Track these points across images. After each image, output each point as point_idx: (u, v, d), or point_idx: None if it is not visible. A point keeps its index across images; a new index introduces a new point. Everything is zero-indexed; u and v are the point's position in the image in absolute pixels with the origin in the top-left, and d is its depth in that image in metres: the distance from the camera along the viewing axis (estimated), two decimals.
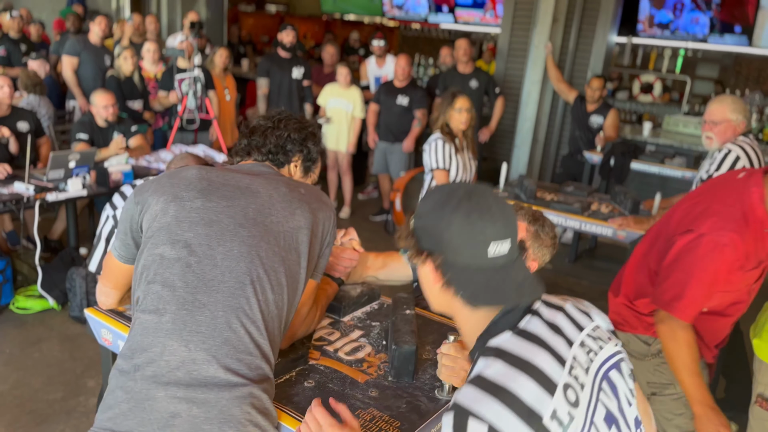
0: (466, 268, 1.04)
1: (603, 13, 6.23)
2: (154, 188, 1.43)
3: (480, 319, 1.07)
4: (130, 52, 5.31)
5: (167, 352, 1.27)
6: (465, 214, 1.03)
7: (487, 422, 0.94)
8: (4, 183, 3.87)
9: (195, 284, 1.31)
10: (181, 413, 1.22)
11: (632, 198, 3.66)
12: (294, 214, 1.42)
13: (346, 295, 1.85)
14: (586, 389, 1.03)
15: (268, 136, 1.59)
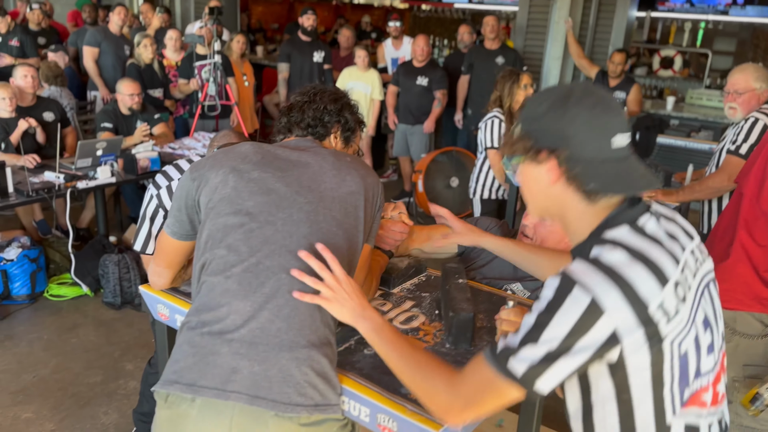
0: (592, 160, 1.06)
1: None
2: (211, 163, 1.46)
3: (595, 214, 1.10)
4: (150, 40, 5.32)
5: (233, 311, 1.31)
6: (589, 107, 1.06)
7: (592, 294, 0.98)
8: (34, 172, 3.91)
9: (259, 248, 1.34)
10: (242, 369, 1.26)
11: (663, 171, 3.63)
12: (345, 180, 1.45)
13: (394, 267, 1.86)
14: (692, 290, 1.08)
15: (305, 110, 1.61)
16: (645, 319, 0.99)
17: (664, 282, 1.01)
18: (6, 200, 3.57)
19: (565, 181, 1.09)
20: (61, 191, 3.72)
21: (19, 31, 6.29)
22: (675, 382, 1.07)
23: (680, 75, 7.60)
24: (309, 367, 1.29)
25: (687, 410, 1.10)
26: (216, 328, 1.31)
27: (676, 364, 1.06)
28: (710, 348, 1.13)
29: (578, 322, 0.99)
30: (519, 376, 1.03)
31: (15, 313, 3.76)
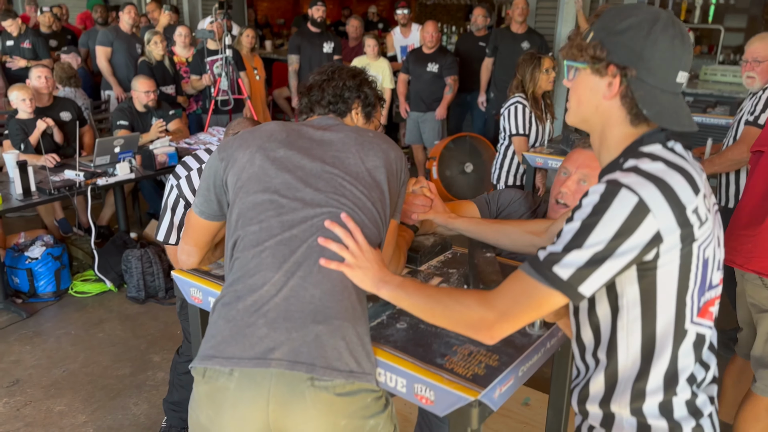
0: (655, 87, 1.10)
1: None
2: (238, 144, 1.48)
3: (631, 136, 1.15)
4: (160, 37, 5.35)
5: (268, 283, 1.34)
6: (671, 37, 1.09)
7: (639, 195, 1.03)
8: (55, 171, 3.96)
9: (290, 223, 1.37)
10: (280, 337, 1.29)
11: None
12: (368, 155, 1.47)
13: (420, 245, 1.87)
14: (712, 207, 1.15)
15: (325, 88, 1.63)
16: (683, 221, 1.05)
17: (696, 191, 1.08)
18: (29, 199, 3.62)
19: (620, 100, 1.13)
20: (82, 188, 3.77)
21: (30, 33, 6.35)
22: (696, 287, 1.13)
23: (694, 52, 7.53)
24: (343, 336, 1.31)
25: (700, 320, 1.16)
26: (250, 301, 1.33)
27: (700, 268, 1.12)
28: (719, 265, 1.19)
29: (626, 222, 1.03)
30: (564, 281, 1.06)
31: (42, 311, 3.82)
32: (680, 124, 1.11)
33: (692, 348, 1.16)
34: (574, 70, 1.18)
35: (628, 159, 1.12)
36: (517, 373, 1.36)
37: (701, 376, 1.19)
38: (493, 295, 1.15)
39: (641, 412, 1.17)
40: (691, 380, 1.18)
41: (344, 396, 1.31)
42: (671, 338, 1.13)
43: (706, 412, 1.19)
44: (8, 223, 4.98)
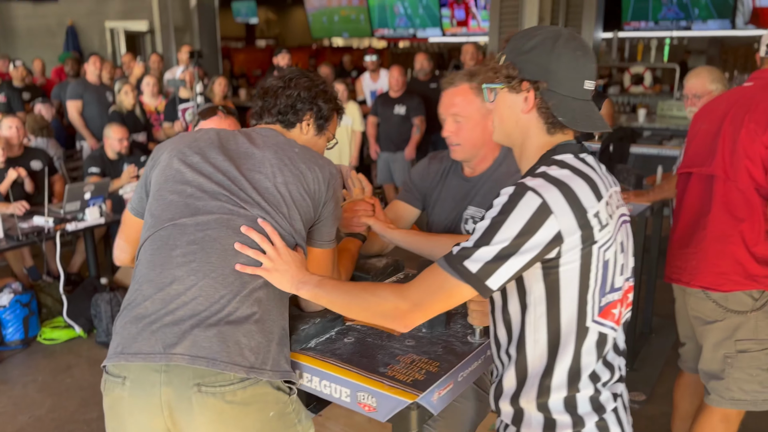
0: (566, 97, 1.22)
1: (587, 10, 6.41)
2: (167, 145, 1.55)
3: (549, 144, 1.26)
4: (130, 87, 5.47)
5: (177, 281, 1.36)
6: (573, 50, 1.21)
7: (543, 198, 1.14)
8: (24, 219, 3.98)
9: (203, 225, 1.40)
10: (185, 335, 1.31)
11: (635, 174, 3.75)
12: (282, 171, 1.47)
13: (372, 266, 1.94)
14: (615, 215, 1.24)
15: (278, 96, 1.61)
16: (583, 223, 1.15)
17: (599, 197, 1.19)
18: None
19: (536, 112, 1.24)
20: (51, 234, 3.79)
21: (5, 87, 6.44)
22: (597, 287, 1.21)
23: (653, 91, 7.83)
24: (246, 333, 1.33)
25: (601, 319, 1.24)
26: (158, 299, 1.36)
27: (600, 270, 1.21)
28: (623, 269, 1.28)
29: (529, 221, 1.13)
30: (473, 274, 1.14)
31: (9, 359, 3.78)
32: (594, 126, 1.23)
33: (594, 347, 1.24)
34: (493, 92, 1.29)
35: (542, 165, 1.22)
36: (456, 378, 1.42)
37: (606, 376, 1.26)
38: (408, 286, 1.23)
39: (547, 407, 1.24)
40: (594, 378, 1.25)
41: (236, 405, 1.31)
42: (574, 335, 1.22)
43: (610, 407, 1.26)
44: None
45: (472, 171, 2.03)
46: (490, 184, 1.97)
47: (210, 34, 9.13)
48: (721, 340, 2.20)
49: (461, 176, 2.06)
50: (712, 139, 2.22)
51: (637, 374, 3.53)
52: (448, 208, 2.06)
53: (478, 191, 2.00)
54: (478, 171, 2.02)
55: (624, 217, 1.30)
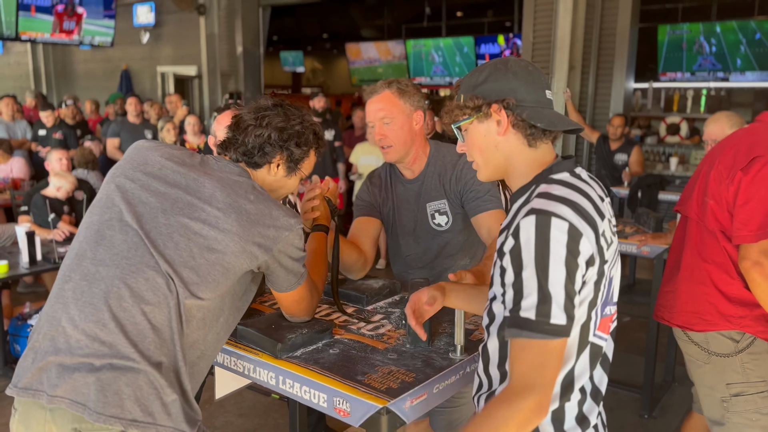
0: (535, 105, 1.26)
1: (618, 59, 6.49)
2: (118, 164, 1.51)
3: (536, 159, 1.29)
4: (172, 125, 5.77)
5: (63, 318, 1.33)
6: (524, 67, 1.28)
7: (568, 221, 1.13)
8: (62, 243, 4.19)
9: (100, 259, 1.36)
10: (68, 376, 1.28)
11: (655, 218, 3.74)
12: (226, 216, 1.39)
13: (368, 288, 2.00)
14: (615, 233, 1.25)
15: (248, 134, 1.52)
16: (598, 241, 1.17)
17: (602, 216, 1.20)
18: (35, 267, 3.83)
19: (512, 129, 1.27)
20: None
21: (63, 125, 6.88)
22: (600, 303, 1.21)
23: (690, 141, 7.76)
24: (131, 381, 1.27)
25: (600, 333, 1.25)
26: (49, 334, 1.33)
27: (606, 287, 1.22)
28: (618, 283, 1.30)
29: (568, 244, 1.12)
30: (565, 326, 1.11)
31: None
32: (569, 125, 1.29)
33: (589, 358, 1.24)
34: (463, 131, 1.32)
35: (541, 184, 1.24)
36: (431, 389, 1.45)
37: (591, 388, 1.27)
38: (517, 383, 1.13)
39: None
40: (582, 389, 1.26)
41: None
42: (576, 350, 1.21)
43: (592, 422, 1.26)
44: (20, 297, 5.19)
45: (411, 173, 2.15)
46: (435, 177, 2.10)
47: (255, 79, 9.53)
48: (713, 384, 2.16)
49: (404, 181, 2.18)
50: (694, 180, 2.25)
51: (656, 422, 3.45)
52: (406, 212, 2.17)
53: (427, 188, 2.12)
54: (417, 171, 2.14)
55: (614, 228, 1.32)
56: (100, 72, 11.55)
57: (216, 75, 9.60)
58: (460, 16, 12.74)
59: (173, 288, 1.34)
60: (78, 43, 9.14)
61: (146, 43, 10.45)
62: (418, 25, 12.55)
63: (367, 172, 6.27)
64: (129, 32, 10.45)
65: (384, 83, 2.06)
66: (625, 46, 6.43)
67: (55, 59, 12.27)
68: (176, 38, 10.19)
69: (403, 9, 12.75)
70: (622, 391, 3.69)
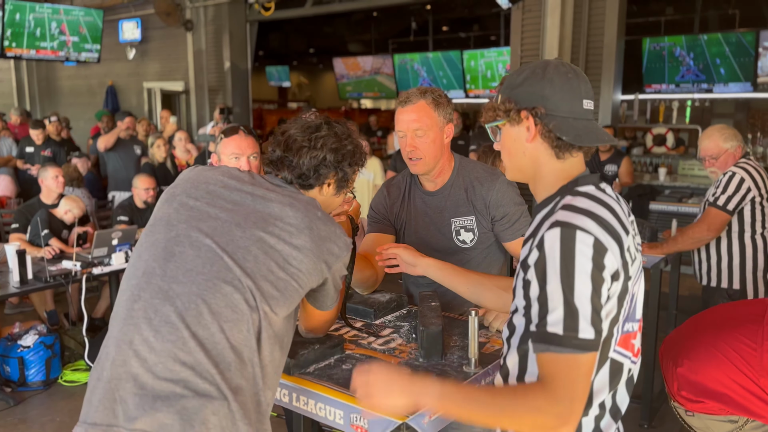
0: (566, 117, 1.24)
1: (605, 71, 6.57)
2: (176, 182, 1.48)
3: (562, 171, 1.27)
4: (162, 141, 5.74)
5: (136, 341, 1.25)
6: (564, 74, 1.25)
7: (593, 234, 1.12)
8: (53, 262, 4.13)
9: (173, 275, 1.31)
10: (145, 407, 1.21)
11: (649, 228, 3.77)
12: (299, 232, 1.37)
13: (376, 302, 1.99)
14: (639, 250, 1.25)
15: (302, 155, 1.49)
16: (623, 256, 1.15)
17: (627, 231, 1.19)
18: (26, 286, 3.77)
19: (540, 138, 1.25)
20: (77, 277, 3.92)
21: (52, 143, 6.81)
22: (622, 320, 1.20)
23: (676, 152, 7.86)
24: (214, 411, 1.21)
25: (619, 348, 1.23)
26: (119, 360, 1.25)
27: (629, 303, 1.20)
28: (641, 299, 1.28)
29: (594, 258, 1.11)
30: (593, 340, 1.10)
31: (29, 399, 3.85)
32: (599, 140, 1.25)
33: (608, 374, 1.22)
34: (497, 130, 1.33)
35: (566, 196, 1.22)
36: None
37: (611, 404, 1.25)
38: (549, 387, 1.11)
39: None
40: (602, 406, 1.23)
41: None
42: (596, 365, 1.18)
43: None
44: (7, 318, 5.10)
45: (433, 185, 2.10)
46: (460, 191, 2.05)
47: (243, 94, 9.52)
48: None
49: (424, 192, 2.13)
50: None
51: (655, 431, 3.45)
52: (425, 225, 2.11)
53: (453, 202, 2.06)
54: (440, 183, 2.09)
55: (640, 245, 1.31)
56: (85, 88, 11.47)
57: (204, 90, 9.57)
58: (445, 30, 12.86)
59: (253, 303, 1.29)
60: (64, 59, 9.08)
61: (132, 59, 10.41)
62: (405, 40, 12.64)
63: (359, 187, 6.34)
64: (115, 48, 10.40)
65: (418, 92, 2.00)
66: (612, 59, 6.52)
67: (39, 75, 12.17)
68: (163, 54, 10.16)
69: (389, 24, 12.83)
70: None
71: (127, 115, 6.57)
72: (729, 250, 3.23)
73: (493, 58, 9.49)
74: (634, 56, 7.41)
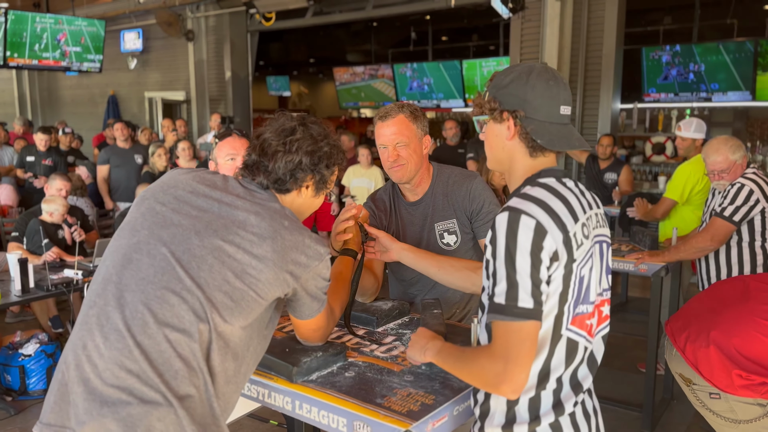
0: (543, 122, 1.36)
1: (605, 80, 6.60)
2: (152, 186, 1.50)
3: (533, 167, 1.41)
4: (163, 150, 5.75)
5: (89, 345, 1.28)
6: (545, 81, 1.36)
7: (536, 218, 1.26)
8: (54, 270, 4.14)
9: (126, 283, 1.33)
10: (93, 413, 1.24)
11: (650, 235, 3.77)
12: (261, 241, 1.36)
13: (378, 309, 1.99)
14: (591, 235, 1.37)
15: (277, 160, 1.46)
16: (567, 240, 1.28)
17: (576, 219, 1.32)
18: (27, 295, 3.77)
19: (518, 138, 1.39)
20: (79, 286, 3.92)
21: (54, 152, 6.82)
22: (573, 299, 1.32)
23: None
24: (161, 417, 1.22)
25: (573, 327, 1.34)
26: (72, 363, 1.29)
27: (577, 284, 1.32)
28: (598, 285, 1.41)
29: (534, 240, 1.24)
30: (533, 309, 1.23)
31: (30, 408, 3.84)
32: (570, 145, 1.38)
33: (565, 351, 1.33)
34: (483, 123, 1.45)
35: (526, 185, 1.37)
36: (451, 411, 1.45)
37: (570, 379, 1.36)
38: (495, 349, 1.26)
39: (513, 408, 1.34)
40: (559, 380, 1.34)
41: None
42: (548, 342, 1.32)
43: (568, 410, 1.34)
44: (8, 327, 5.10)
45: (415, 195, 2.18)
46: (440, 197, 2.13)
47: (243, 103, 9.56)
48: None
49: (407, 204, 2.20)
50: None
51: None
52: (412, 234, 2.18)
53: (435, 208, 2.14)
54: (421, 193, 2.17)
55: (601, 237, 1.42)
56: (87, 98, 11.51)
57: (204, 100, 9.61)
58: (445, 40, 12.90)
59: (203, 314, 1.30)
60: (65, 69, 9.11)
61: (134, 69, 10.45)
62: (405, 50, 12.68)
63: (360, 194, 6.36)
64: (116, 58, 10.45)
65: (396, 107, 2.08)
66: (611, 68, 6.55)
67: (41, 85, 12.23)
68: (164, 64, 10.21)
69: (389, 34, 12.88)
70: (623, 410, 3.69)
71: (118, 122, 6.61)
72: (740, 259, 3.21)
73: (492, 68, 9.53)
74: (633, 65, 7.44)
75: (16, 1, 9.59)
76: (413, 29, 11.98)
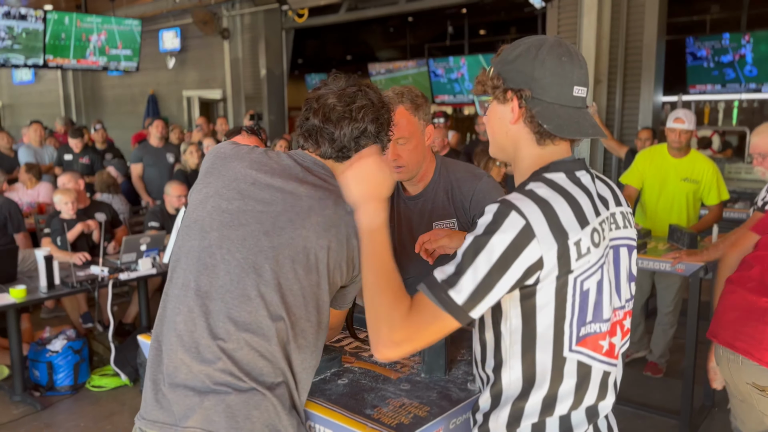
0: (552, 103, 1.16)
1: (645, 72, 6.33)
2: (205, 173, 1.44)
3: (540, 158, 1.20)
4: (195, 147, 5.77)
5: (179, 351, 1.33)
6: (558, 56, 1.16)
7: (526, 219, 1.08)
8: (81, 267, 4.18)
9: (206, 291, 1.34)
10: (193, 404, 1.30)
11: (688, 234, 3.57)
12: (326, 232, 1.33)
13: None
14: (605, 241, 1.17)
15: (342, 127, 1.38)
16: (562, 250, 1.09)
17: (584, 224, 1.12)
18: (53, 291, 3.81)
19: (523, 122, 1.19)
20: (104, 283, 3.95)
21: (90, 151, 6.94)
22: (575, 317, 1.14)
23: (723, 155, 7.53)
24: (257, 405, 1.28)
25: (581, 348, 1.15)
26: (166, 359, 1.34)
27: (578, 299, 1.13)
28: (611, 299, 1.20)
29: (512, 244, 1.07)
30: (458, 306, 1.08)
31: (56, 404, 3.88)
32: (582, 133, 1.17)
33: (576, 380, 1.16)
34: (485, 104, 1.26)
35: (531, 182, 1.17)
36: (446, 425, 1.34)
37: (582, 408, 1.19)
38: (405, 318, 1.11)
39: None
40: (571, 408, 1.18)
41: None
42: (550, 364, 1.15)
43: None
44: (42, 322, 5.19)
45: (416, 188, 2.03)
46: (442, 194, 1.98)
47: (278, 101, 9.58)
48: None
49: (406, 198, 2.06)
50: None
51: None
52: (408, 229, 2.03)
53: (435, 205, 1.99)
54: (422, 186, 2.02)
55: (621, 241, 1.23)
56: (128, 97, 11.74)
57: (240, 98, 9.67)
58: (482, 34, 12.68)
59: (279, 314, 1.30)
60: (103, 69, 9.29)
61: (172, 68, 10.60)
62: (441, 44, 12.52)
63: None
64: (156, 57, 10.62)
65: (395, 96, 1.89)
66: (652, 59, 6.28)
67: (85, 86, 12.53)
68: (201, 62, 10.32)
69: (425, 29, 12.74)
70: (659, 417, 3.50)
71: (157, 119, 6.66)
72: None
73: None
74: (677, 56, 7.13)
75: (60, 3, 9.83)
76: (450, 23, 11.80)
